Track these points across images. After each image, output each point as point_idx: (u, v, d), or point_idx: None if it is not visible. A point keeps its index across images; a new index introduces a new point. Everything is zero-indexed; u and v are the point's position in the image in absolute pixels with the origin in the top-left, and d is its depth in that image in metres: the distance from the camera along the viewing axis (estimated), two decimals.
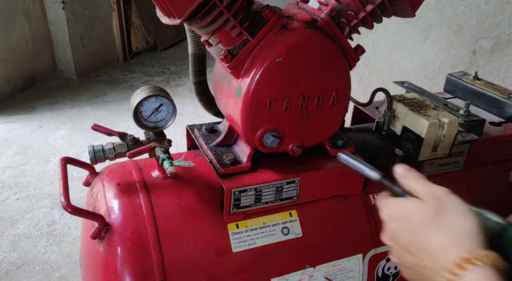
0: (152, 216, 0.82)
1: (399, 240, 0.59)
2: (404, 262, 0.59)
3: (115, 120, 3.21)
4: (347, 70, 0.83)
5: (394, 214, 0.60)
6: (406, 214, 0.58)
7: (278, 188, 0.86)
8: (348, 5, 0.81)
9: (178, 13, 0.70)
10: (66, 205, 0.77)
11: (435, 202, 0.57)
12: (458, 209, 0.56)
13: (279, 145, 0.84)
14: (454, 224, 0.54)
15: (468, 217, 0.55)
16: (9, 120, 3.16)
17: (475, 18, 1.95)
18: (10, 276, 1.81)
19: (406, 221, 0.58)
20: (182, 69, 4.28)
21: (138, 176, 0.89)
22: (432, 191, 0.59)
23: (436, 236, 0.54)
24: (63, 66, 3.94)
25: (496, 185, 1.15)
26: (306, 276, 0.89)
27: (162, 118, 0.88)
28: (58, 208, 2.20)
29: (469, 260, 0.49)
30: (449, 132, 0.92)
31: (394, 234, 0.60)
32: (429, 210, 0.56)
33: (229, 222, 0.85)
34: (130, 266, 0.78)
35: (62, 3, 3.64)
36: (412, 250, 0.56)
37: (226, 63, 0.77)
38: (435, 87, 2.11)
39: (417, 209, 0.57)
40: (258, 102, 0.78)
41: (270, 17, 0.75)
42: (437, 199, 0.57)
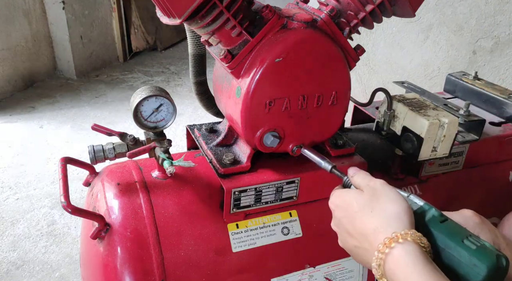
0: (152, 216, 0.82)
1: (342, 225, 0.66)
2: (348, 246, 0.66)
3: (115, 120, 3.21)
4: (347, 70, 0.83)
5: (338, 202, 0.68)
6: (347, 201, 0.66)
7: (278, 188, 0.86)
8: (348, 5, 0.81)
9: (178, 13, 0.70)
10: (66, 205, 0.77)
11: (370, 191, 0.65)
12: (389, 195, 0.63)
13: (279, 145, 0.84)
14: (384, 208, 0.61)
15: (397, 202, 0.61)
16: (9, 120, 3.16)
17: (475, 18, 1.95)
18: (10, 276, 1.81)
19: (347, 208, 0.65)
20: (182, 69, 4.28)
21: (138, 176, 0.89)
22: (370, 183, 0.66)
23: (369, 220, 0.61)
24: (63, 66, 3.94)
25: (496, 185, 1.15)
26: (306, 276, 0.89)
27: (162, 118, 0.88)
28: (58, 208, 2.20)
29: (395, 239, 0.55)
30: (449, 132, 0.92)
31: (338, 220, 0.68)
32: (365, 198, 0.64)
33: (229, 222, 0.85)
34: (130, 266, 0.78)
35: (62, 3, 3.64)
36: (353, 234, 0.64)
37: (226, 63, 0.77)
38: (435, 87, 2.11)
39: (356, 197, 0.65)
40: (258, 102, 0.78)
41: (270, 17, 0.75)
42: (372, 188, 0.65)
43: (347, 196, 0.67)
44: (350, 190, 0.68)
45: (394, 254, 0.55)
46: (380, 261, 0.56)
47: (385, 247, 0.56)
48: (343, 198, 0.67)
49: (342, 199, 0.68)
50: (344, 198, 0.67)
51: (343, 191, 0.69)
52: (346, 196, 0.67)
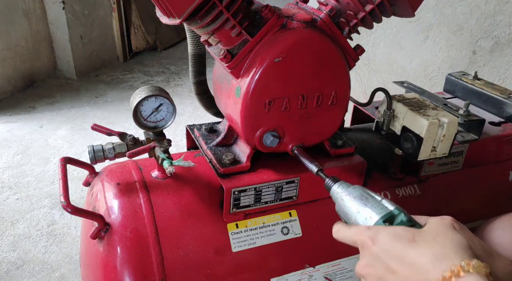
0: (151, 216, 0.82)
1: (379, 262, 0.59)
2: None
3: (115, 120, 3.21)
4: (346, 70, 0.83)
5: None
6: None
7: (278, 188, 0.86)
8: (348, 5, 0.81)
9: (178, 13, 0.70)
10: (66, 205, 0.77)
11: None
12: (440, 224, 0.58)
13: (279, 145, 0.84)
14: (442, 237, 0.55)
15: (454, 231, 0.56)
16: (9, 120, 3.16)
17: (475, 18, 1.95)
18: (10, 276, 1.81)
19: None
20: (182, 69, 4.28)
21: (138, 176, 0.89)
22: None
23: (423, 249, 0.54)
24: (63, 66, 3.94)
25: (496, 185, 1.15)
26: (306, 276, 0.89)
27: (161, 118, 0.88)
28: (58, 208, 2.20)
29: (463, 269, 0.49)
30: (449, 132, 0.92)
31: (372, 257, 0.60)
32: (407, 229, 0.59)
33: (228, 222, 0.85)
34: (129, 265, 0.78)
35: (62, 3, 3.64)
36: (396, 269, 0.56)
37: (225, 63, 0.77)
38: (435, 87, 2.11)
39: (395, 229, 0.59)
40: (257, 102, 0.78)
41: (269, 17, 0.75)
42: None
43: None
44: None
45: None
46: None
47: (453, 276, 0.49)
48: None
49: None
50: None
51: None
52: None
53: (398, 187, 1.02)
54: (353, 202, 0.68)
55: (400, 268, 0.55)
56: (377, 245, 0.59)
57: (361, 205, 0.67)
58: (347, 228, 0.67)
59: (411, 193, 1.03)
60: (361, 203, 0.67)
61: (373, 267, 0.60)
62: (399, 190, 1.02)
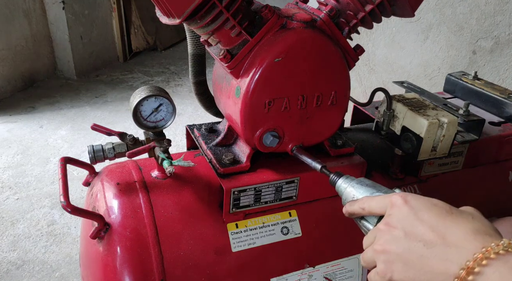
0: (151, 216, 0.82)
1: (407, 223, 0.52)
2: (410, 259, 0.51)
3: (115, 120, 3.21)
4: (346, 70, 0.83)
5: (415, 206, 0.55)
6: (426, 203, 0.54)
7: (278, 188, 0.86)
8: (347, 5, 0.81)
9: (178, 13, 0.70)
10: (65, 204, 0.77)
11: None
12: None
13: (279, 145, 0.84)
14: (479, 217, 0.52)
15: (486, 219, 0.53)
16: (9, 120, 3.16)
17: (475, 18, 1.95)
18: (10, 276, 1.81)
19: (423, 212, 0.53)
20: (182, 69, 4.28)
21: (138, 176, 0.89)
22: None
23: (462, 222, 0.50)
24: (63, 66, 3.94)
25: (496, 185, 1.15)
26: (306, 276, 0.89)
27: (161, 118, 0.88)
28: (58, 208, 2.20)
29: (505, 247, 0.46)
30: (449, 132, 0.92)
31: (400, 217, 0.54)
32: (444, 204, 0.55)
33: (228, 222, 0.85)
34: (129, 265, 0.78)
35: (62, 3, 3.64)
36: (426, 235, 0.50)
37: (225, 63, 0.77)
38: (435, 87, 2.11)
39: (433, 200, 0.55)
40: (257, 102, 0.78)
41: (269, 17, 0.75)
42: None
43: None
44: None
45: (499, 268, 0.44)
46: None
47: (489, 255, 0.45)
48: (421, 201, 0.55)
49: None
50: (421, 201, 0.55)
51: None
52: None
53: (398, 187, 1.02)
54: (366, 188, 0.65)
55: (430, 231, 0.50)
56: (409, 204, 0.54)
57: (375, 191, 0.64)
58: (367, 197, 0.61)
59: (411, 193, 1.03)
60: (374, 189, 0.64)
61: (396, 225, 0.53)
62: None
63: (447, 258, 0.48)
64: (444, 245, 0.49)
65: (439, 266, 0.48)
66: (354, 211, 0.63)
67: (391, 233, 0.53)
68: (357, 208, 0.62)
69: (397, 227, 0.53)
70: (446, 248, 0.49)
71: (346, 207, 0.65)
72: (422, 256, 0.50)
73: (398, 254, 0.52)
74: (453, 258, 0.47)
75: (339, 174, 0.72)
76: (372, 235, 0.57)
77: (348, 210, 0.64)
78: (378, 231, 0.56)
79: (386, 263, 0.53)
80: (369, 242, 0.57)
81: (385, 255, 0.53)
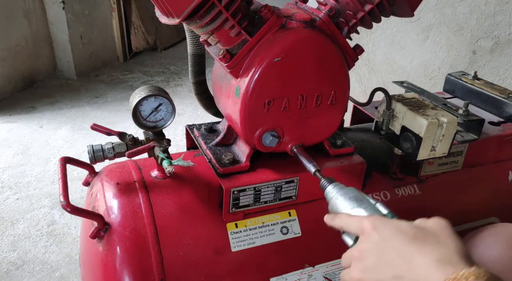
0: (151, 216, 0.82)
1: (375, 251, 0.57)
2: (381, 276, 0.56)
3: (115, 120, 3.21)
4: (346, 70, 0.83)
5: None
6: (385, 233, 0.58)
7: (277, 188, 0.86)
8: (347, 5, 0.81)
9: (177, 12, 0.70)
10: (65, 204, 0.77)
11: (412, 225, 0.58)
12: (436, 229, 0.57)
13: (278, 145, 0.84)
14: (444, 239, 0.55)
15: (454, 234, 0.56)
16: (9, 120, 3.16)
17: (475, 18, 1.95)
18: (10, 276, 1.81)
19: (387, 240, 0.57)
20: (182, 69, 4.27)
21: (137, 175, 0.89)
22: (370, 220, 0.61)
23: (426, 249, 0.53)
24: (63, 66, 3.94)
25: (496, 185, 1.15)
26: (305, 276, 0.89)
27: (161, 117, 0.88)
28: (58, 208, 2.20)
29: (465, 276, 0.48)
30: (448, 132, 0.92)
31: (370, 245, 0.58)
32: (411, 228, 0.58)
33: (228, 222, 0.85)
34: (129, 265, 0.78)
35: (62, 3, 3.64)
36: (394, 262, 0.55)
37: (225, 62, 0.77)
38: (435, 87, 2.11)
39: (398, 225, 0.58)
40: (257, 101, 0.78)
41: (268, 17, 0.75)
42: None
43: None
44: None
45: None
46: None
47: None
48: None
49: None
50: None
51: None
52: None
53: (398, 187, 1.02)
54: (348, 202, 0.68)
55: (398, 261, 0.54)
56: (377, 231, 0.58)
57: (356, 205, 0.67)
58: (346, 215, 0.66)
59: (410, 193, 1.03)
60: (355, 203, 0.67)
61: (368, 256, 0.58)
62: (398, 190, 1.02)
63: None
64: (411, 276, 0.53)
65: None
66: (334, 226, 0.68)
67: (364, 263, 0.58)
68: (336, 224, 0.67)
69: (368, 258, 0.58)
70: (413, 279, 0.52)
71: (327, 219, 0.69)
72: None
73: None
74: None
75: (329, 180, 0.73)
76: (349, 259, 0.62)
77: (329, 223, 0.69)
78: (353, 258, 0.61)
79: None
80: (347, 264, 0.62)
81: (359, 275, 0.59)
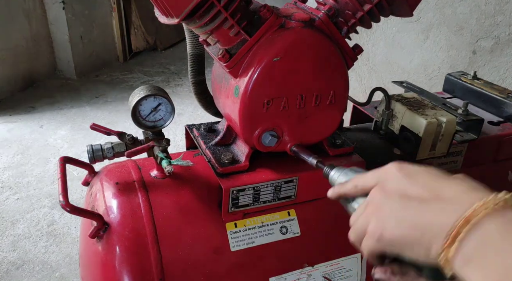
0: (150, 215, 0.82)
1: (402, 184, 0.51)
2: (404, 216, 0.49)
3: (115, 120, 3.21)
4: (345, 70, 0.83)
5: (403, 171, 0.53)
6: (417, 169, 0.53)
7: (277, 187, 0.86)
8: (346, 5, 0.81)
9: (176, 12, 0.70)
10: (64, 204, 0.77)
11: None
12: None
13: (277, 144, 0.84)
14: (462, 178, 0.51)
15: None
16: (9, 120, 3.16)
17: (475, 18, 1.95)
18: (10, 276, 1.81)
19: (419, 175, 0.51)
20: (182, 69, 4.28)
21: (137, 175, 0.89)
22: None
23: (456, 183, 0.49)
24: (63, 66, 3.94)
25: (495, 184, 1.14)
26: (305, 275, 0.89)
27: (160, 117, 0.88)
28: (58, 208, 2.20)
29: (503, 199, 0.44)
30: (447, 131, 0.92)
31: (395, 181, 0.52)
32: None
33: (227, 221, 0.85)
34: (128, 265, 0.78)
35: (62, 3, 3.65)
36: (421, 194, 0.49)
37: (224, 62, 0.77)
38: (435, 87, 2.11)
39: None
40: (256, 101, 0.78)
41: (268, 17, 0.75)
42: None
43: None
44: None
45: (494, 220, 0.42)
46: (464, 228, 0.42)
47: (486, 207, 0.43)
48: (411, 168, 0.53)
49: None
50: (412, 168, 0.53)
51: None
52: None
53: None
54: (356, 174, 0.63)
55: (426, 194, 0.49)
56: (403, 170, 0.52)
57: None
58: (362, 175, 0.58)
59: None
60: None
61: (391, 192, 0.51)
62: None
63: (443, 211, 0.46)
64: (440, 200, 0.47)
65: (434, 218, 0.46)
66: (346, 191, 0.60)
67: (385, 195, 0.52)
68: (349, 187, 0.59)
69: (392, 189, 0.52)
70: (442, 202, 0.47)
71: (335, 189, 0.62)
72: (417, 211, 0.48)
73: (391, 212, 0.50)
74: (449, 210, 0.45)
75: (331, 166, 0.70)
76: (364, 203, 0.55)
77: (338, 191, 0.61)
78: (370, 196, 0.54)
79: (378, 221, 0.51)
80: (361, 211, 0.55)
81: (378, 214, 0.51)
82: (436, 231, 0.45)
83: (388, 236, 0.49)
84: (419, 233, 0.47)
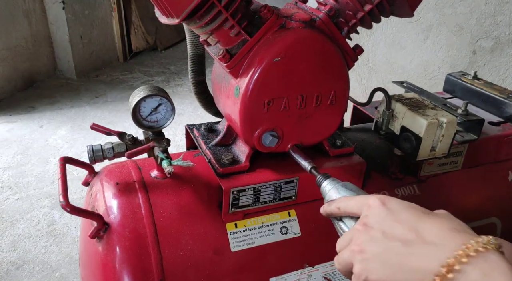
0: (150, 216, 0.82)
1: (386, 223, 0.52)
2: (388, 258, 0.50)
3: (115, 120, 3.21)
4: (345, 70, 0.83)
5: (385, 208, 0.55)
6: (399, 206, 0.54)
7: (277, 188, 0.86)
8: (347, 5, 0.81)
9: (177, 12, 0.70)
10: (64, 204, 0.77)
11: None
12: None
13: (278, 145, 0.84)
14: (444, 217, 0.51)
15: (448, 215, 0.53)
16: (9, 120, 3.16)
17: (475, 18, 1.95)
18: (10, 276, 1.81)
19: (400, 213, 0.53)
20: (182, 69, 4.28)
21: (137, 175, 0.89)
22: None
23: (439, 222, 0.50)
24: (63, 66, 3.94)
25: (496, 185, 1.15)
26: (305, 276, 0.89)
27: (160, 117, 0.88)
28: (58, 208, 2.20)
29: (484, 244, 0.45)
30: (448, 132, 0.92)
31: (378, 217, 0.53)
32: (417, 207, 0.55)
33: (227, 222, 0.85)
34: (128, 265, 0.78)
35: (62, 3, 3.65)
36: (403, 235, 0.50)
37: (224, 62, 0.77)
38: (435, 87, 2.11)
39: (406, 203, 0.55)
40: (256, 101, 0.78)
41: (268, 17, 0.75)
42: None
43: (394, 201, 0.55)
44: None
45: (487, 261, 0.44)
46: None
47: (467, 253, 0.44)
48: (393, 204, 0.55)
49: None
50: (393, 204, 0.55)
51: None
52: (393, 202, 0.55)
53: (398, 187, 1.02)
54: (348, 192, 0.66)
55: (408, 232, 0.49)
56: (386, 206, 0.53)
57: (355, 195, 0.65)
58: (345, 197, 0.61)
59: (410, 193, 1.03)
60: (355, 193, 0.65)
61: (374, 226, 0.52)
62: (398, 190, 1.02)
63: (426, 255, 0.47)
64: (423, 243, 0.48)
65: (418, 263, 0.47)
66: (331, 211, 0.62)
67: (369, 233, 0.53)
68: (333, 208, 0.62)
69: (375, 227, 0.53)
70: (425, 246, 0.48)
71: (324, 206, 0.64)
72: (401, 254, 0.49)
73: (375, 254, 0.51)
74: (433, 255, 0.46)
75: (326, 175, 0.71)
76: (348, 236, 0.56)
77: (325, 210, 0.64)
78: (355, 232, 0.55)
79: (363, 263, 0.52)
80: (345, 244, 0.57)
81: (362, 255, 0.52)
82: (421, 277, 0.46)
83: (374, 279, 0.51)
84: (404, 277, 0.48)
